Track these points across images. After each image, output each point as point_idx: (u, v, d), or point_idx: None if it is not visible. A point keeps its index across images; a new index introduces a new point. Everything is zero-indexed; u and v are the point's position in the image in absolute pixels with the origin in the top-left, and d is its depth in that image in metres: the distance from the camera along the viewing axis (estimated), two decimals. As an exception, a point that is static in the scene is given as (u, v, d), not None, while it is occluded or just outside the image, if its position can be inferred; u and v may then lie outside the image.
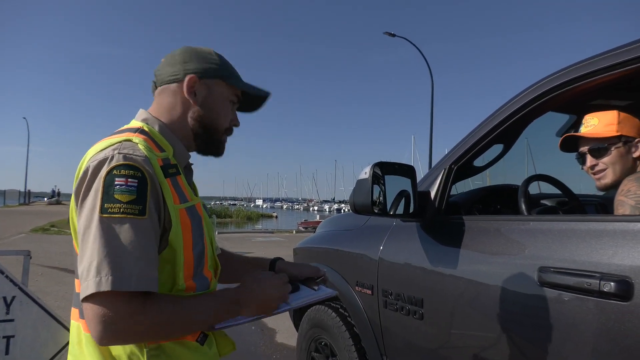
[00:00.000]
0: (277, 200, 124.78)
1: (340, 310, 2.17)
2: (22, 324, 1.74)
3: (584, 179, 2.24)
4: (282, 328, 4.42)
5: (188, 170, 1.06)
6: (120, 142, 0.89)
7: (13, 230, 13.75)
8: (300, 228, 23.12)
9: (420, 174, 1.73)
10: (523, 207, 1.59)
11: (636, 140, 1.45)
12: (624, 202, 1.30)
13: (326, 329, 2.21)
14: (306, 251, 2.62)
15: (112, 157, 0.84)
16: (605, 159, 1.48)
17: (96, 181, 0.83)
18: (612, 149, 1.46)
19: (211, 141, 1.06)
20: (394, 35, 18.64)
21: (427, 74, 18.49)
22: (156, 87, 1.04)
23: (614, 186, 1.47)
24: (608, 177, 1.48)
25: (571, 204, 1.82)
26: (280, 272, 1.26)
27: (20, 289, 1.76)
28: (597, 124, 1.50)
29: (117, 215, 0.80)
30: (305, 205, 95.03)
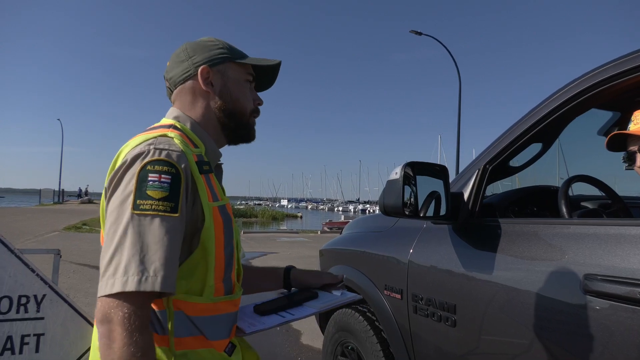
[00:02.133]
0: (301, 200, 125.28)
1: (367, 314, 2.12)
2: (52, 322, 1.76)
3: (623, 180, 2.12)
4: (308, 330, 4.39)
5: (218, 170, 1.04)
6: (155, 137, 0.87)
7: (48, 228, 14.23)
8: (325, 228, 23.10)
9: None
10: (564, 209, 1.50)
11: None
12: None
13: (353, 333, 2.16)
14: (332, 253, 2.58)
15: (148, 152, 0.83)
16: None
17: (129, 176, 0.81)
18: None
19: (240, 127, 1.04)
20: (420, 33, 18.40)
21: (454, 74, 18.17)
22: (171, 92, 1.03)
23: None
24: None
25: (615, 207, 1.71)
26: (294, 281, 1.24)
27: (51, 287, 1.78)
28: None
29: (149, 212, 0.78)
30: (330, 205, 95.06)
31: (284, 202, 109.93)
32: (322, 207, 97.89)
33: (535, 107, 1.50)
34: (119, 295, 0.74)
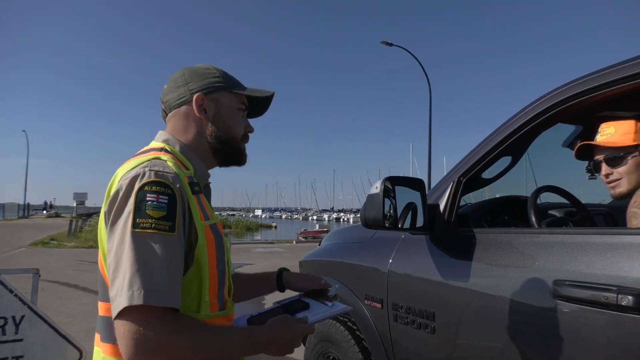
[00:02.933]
0: (276, 210, 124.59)
1: (348, 323, 2.16)
2: (31, 343, 1.72)
3: (587, 188, 2.25)
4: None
5: (207, 189, 1.07)
6: (150, 160, 0.90)
7: (13, 244, 13.69)
8: (300, 238, 23.07)
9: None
10: (533, 219, 1.59)
11: None
12: (637, 214, 1.30)
13: (334, 343, 2.20)
14: (312, 264, 2.61)
15: (144, 174, 0.85)
16: (621, 169, 1.47)
17: (129, 197, 0.84)
18: (629, 158, 1.45)
19: (231, 152, 1.08)
20: (391, 44, 18.78)
21: (425, 84, 18.59)
22: (166, 114, 1.06)
23: (629, 195, 1.47)
24: (623, 187, 1.47)
25: (580, 215, 1.82)
26: (287, 284, 1.28)
27: (30, 307, 1.74)
28: (614, 132, 1.49)
29: (149, 231, 0.81)
30: (304, 214, 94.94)
31: (258, 212, 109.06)
32: (296, 216, 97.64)
33: (505, 123, 1.59)
34: (130, 312, 0.76)
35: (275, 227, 48.17)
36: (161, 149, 0.97)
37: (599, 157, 1.54)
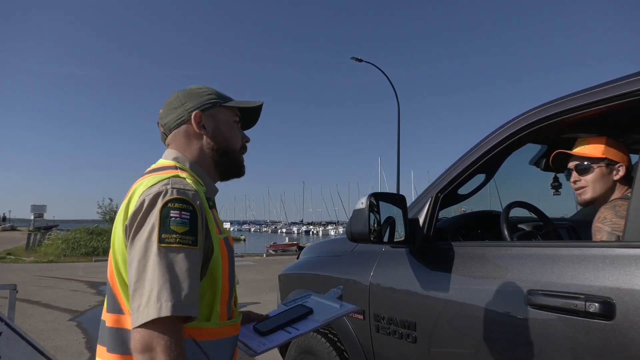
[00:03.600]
0: (244, 222, 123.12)
1: (329, 335, 2.20)
2: (8, 360, 1.69)
3: (549, 204, 2.41)
4: (265, 354, 4.36)
5: (213, 204, 1.11)
6: (170, 177, 0.94)
7: (-35, 260, 12.98)
8: (270, 251, 22.91)
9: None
10: (506, 232, 1.70)
11: (618, 164, 1.57)
12: (601, 229, 1.42)
13: (316, 355, 2.23)
14: (292, 277, 2.65)
15: (167, 192, 0.90)
16: (588, 177, 1.60)
17: (152, 213, 0.87)
18: (595, 167, 1.58)
19: (231, 164, 1.13)
20: (360, 60, 19.15)
21: (393, 95, 19.02)
22: (166, 136, 1.11)
23: (592, 202, 1.60)
24: (588, 194, 1.60)
25: (547, 228, 1.95)
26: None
27: (7, 324, 1.71)
28: (587, 145, 1.63)
29: (174, 245, 0.85)
30: (274, 227, 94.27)
31: (227, 225, 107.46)
32: (265, 229, 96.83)
33: (479, 142, 1.70)
34: (156, 323, 0.79)
35: (244, 240, 47.57)
36: (175, 167, 1.01)
37: (571, 164, 1.66)
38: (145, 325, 0.80)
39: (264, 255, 19.79)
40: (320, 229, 76.82)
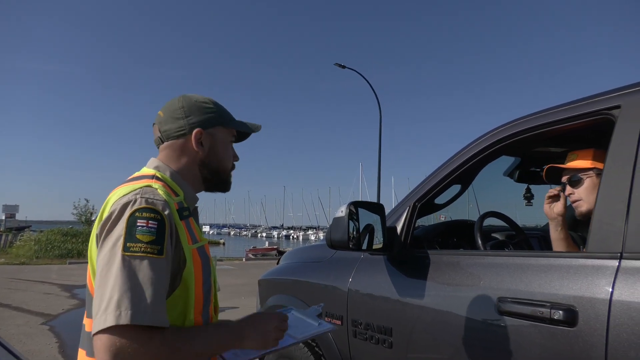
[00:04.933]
0: (224, 226, 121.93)
1: (307, 340, 2.23)
2: (-18, 365, 1.67)
3: (526, 213, 2.50)
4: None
5: (195, 212, 1.14)
6: (141, 187, 0.96)
7: None
8: (250, 255, 22.77)
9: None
10: (479, 241, 1.77)
11: None
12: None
13: (294, 359, 2.26)
14: (271, 283, 2.67)
15: (135, 201, 0.92)
16: (580, 189, 1.64)
17: (120, 222, 0.89)
18: (585, 178, 1.63)
19: (219, 182, 1.16)
20: (344, 66, 19.31)
21: (376, 101, 19.22)
22: (161, 142, 1.11)
23: (589, 214, 1.58)
24: (583, 206, 1.63)
25: (519, 238, 2.03)
26: None
27: (-18, 328, 1.68)
28: (577, 158, 1.67)
29: (139, 254, 0.86)
30: (254, 231, 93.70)
31: (206, 228, 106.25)
32: (245, 233, 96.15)
33: (455, 154, 1.77)
34: (116, 330, 0.80)
35: (224, 243, 47.21)
36: (152, 176, 1.03)
37: (564, 178, 1.71)
38: (104, 332, 0.80)
39: (244, 260, 19.68)
40: (301, 233, 76.73)
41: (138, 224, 0.88)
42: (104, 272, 0.85)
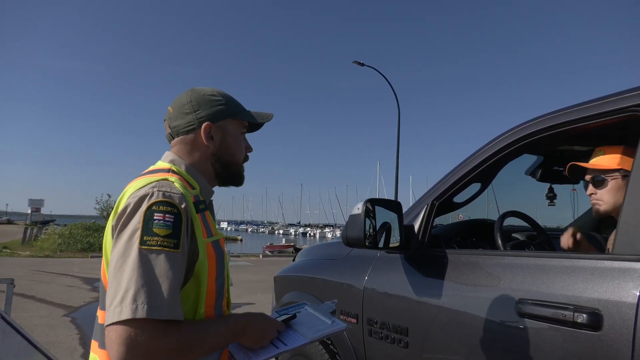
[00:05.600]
0: (242, 223, 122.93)
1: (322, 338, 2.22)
2: (3, 354, 1.70)
3: (548, 213, 2.44)
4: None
5: (210, 205, 1.14)
6: (158, 180, 0.96)
7: (-39, 252, 12.95)
8: (267, 252, 22.91)
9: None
10: (499, 241, 1.72)
11: None
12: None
13: (308, 357, 2.25)
14: (287, 279, 2.67)
15: (152, 194, 0.91)
16: (603, 190, 1.58)
17: (136, 215, 0.89)
18: (610, 180, 1.56)
19: (232, 175, 1.15)
20: (362, 64, 19.20)
21: (394, 99, 19.06)
22: (172, 138, 1.11)
23: (606, 215, 1.58)
24: (602, 206, 1.58)
25: (540, 238, 1.98)
26: None
27: (3, 318, 1.73)
28: (603, 156, 1.61)
29: (155, 248, 0.86)
30: (271, 228, 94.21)
31: (224, 225, 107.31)
32: (262, 230, 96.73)
33: (476, 152, 1.72)
34: (129, 323, 0.80)
35: (241, 240, 47.59)
36: (169, 170, 1.03)
37: (588, 177, 1.65)
38: (119, 324, 0.80)
39: (260, 256, 19.79)
40: (318, 231, 76.77)
41: (155, 217, 0.88)
42: (119, 265, 0.85)
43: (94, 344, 0.97)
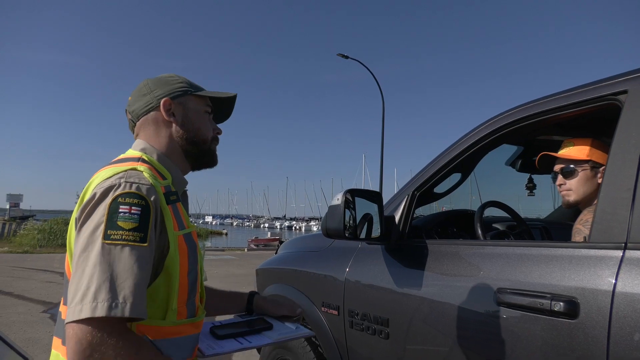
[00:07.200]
0: (227, 216, 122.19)
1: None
2: (-27, 353, 1.65)
3: (528, 204, 2.46)
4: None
5: (184, 197, 1.09)
6: (126, 170, 0.91)
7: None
8: (252, 245, 22.82)
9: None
10: (479, 231, 1.72)
11: (603, 167, 1.55)
12: (580, 231, 1.45)
13: (290, 350, 2.24)
14: (269, 272, 2.64)
15: (119, 185, 0.87)
16: (572, 180, 1.60)
17: (100, 207, 0.84)
18: (580, 170, 1.59)
19: (202, 153, 1.10)
20: (347, 57, 19.13)
21: (378, 92, 19.07)
22: (134, 124, 1.08)
23: (576, 205, 1.61)
24: (571, 197, 1.61)
25: (520, 228, 1.99)
26: (257, 309, 1.32)
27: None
28: (572, 147, 1.63)
29: (119, 242, 0.82)
30: (256, 222, 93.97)
31: (209, 219, 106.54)
32: (247, 223, 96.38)
33: (455, 142, 1.72)
34: (89, 321, 0.76)
35: (226, 234, 47.39)
36: (138, 159, 0.98)
37: (557, 167, 1.67)
38: (78, 322, 0.76)
39: (246, 250, 19.71)
40: (303, 224, 76.88)
41: (120, 210, 0.84)
42: (82, 260, 0.81)
43: (56, 341, 0.93)
